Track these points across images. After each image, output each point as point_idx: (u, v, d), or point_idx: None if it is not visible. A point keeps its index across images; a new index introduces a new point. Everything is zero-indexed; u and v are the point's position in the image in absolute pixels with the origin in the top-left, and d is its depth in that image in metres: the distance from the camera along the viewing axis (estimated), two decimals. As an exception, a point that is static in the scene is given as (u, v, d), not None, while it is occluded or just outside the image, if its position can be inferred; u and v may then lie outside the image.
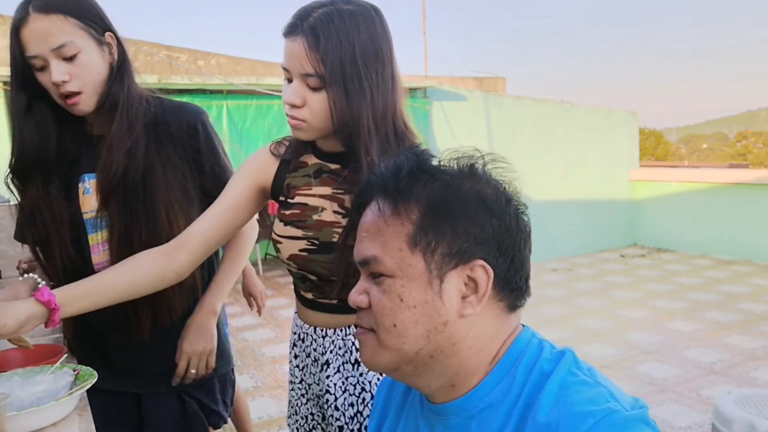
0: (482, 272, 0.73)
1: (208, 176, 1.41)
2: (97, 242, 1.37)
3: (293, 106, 1.09)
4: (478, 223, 0.73)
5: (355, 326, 0.81)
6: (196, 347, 1.41)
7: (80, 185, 1.36)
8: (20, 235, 1.43)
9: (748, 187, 7.36)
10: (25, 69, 1.25)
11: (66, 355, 1.30)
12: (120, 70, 1.32)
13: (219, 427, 1.53)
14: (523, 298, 0.79)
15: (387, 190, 0.76)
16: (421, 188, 0.74)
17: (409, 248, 0.73)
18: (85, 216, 1.36)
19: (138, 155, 1.32)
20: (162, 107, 1.38)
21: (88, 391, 1.16)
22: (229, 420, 1.57)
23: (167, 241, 1.33)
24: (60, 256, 1.35)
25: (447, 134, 7.13)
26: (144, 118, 1.34)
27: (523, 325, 0.81)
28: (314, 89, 1.07)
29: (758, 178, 7.39)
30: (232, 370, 1.59)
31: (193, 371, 1.41)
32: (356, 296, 0.78)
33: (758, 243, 7.10)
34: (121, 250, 1.33)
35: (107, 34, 1.30)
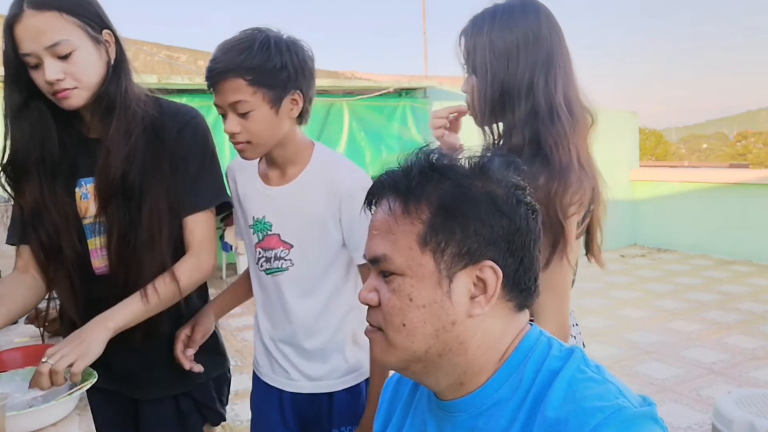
0: (491, 273, 0.73)
1: (190, 184, 1.34)
2: (96, 247, 1.35)
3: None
4: (488, 223, 0.73)
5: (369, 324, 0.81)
6: (63, 347, 1.15)
7: (77, 190, 1.34)
8: (16, 238, 1.37)
9: (748, 187, 7.36)
10: (18, 66, 1.21)
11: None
12: (117, 69, 1.29)
13: (218, 424, 1.54)
14: (532, 298, 0.79)
15: (398, 189, 0.76)
16: (432, 188, 0.74)
17: (420, 248, 0.74)
18: (84, 221, 1.34)
19: (137, 160, 1.29)
20: (160, 109, 1.35)
21: (88, 391, 1.16)
22: (227, 418, 1.57)
23: (167, 245, 1.32)
24: (70, 255, 1.33)
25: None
26: (142, 121, 1.30)
27: (531, 324, 0.81)
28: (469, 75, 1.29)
29: (758, 178, 7.39)
30: (229, 369, 1.60)
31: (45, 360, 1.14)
32: (366, 294, 0.78)
33: (758, 243, 7.09)
34: (120, 255, 1.31)
35: (105, 32, 1.26)
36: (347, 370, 1.45)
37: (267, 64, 1.25)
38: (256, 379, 1.55)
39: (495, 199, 0.74)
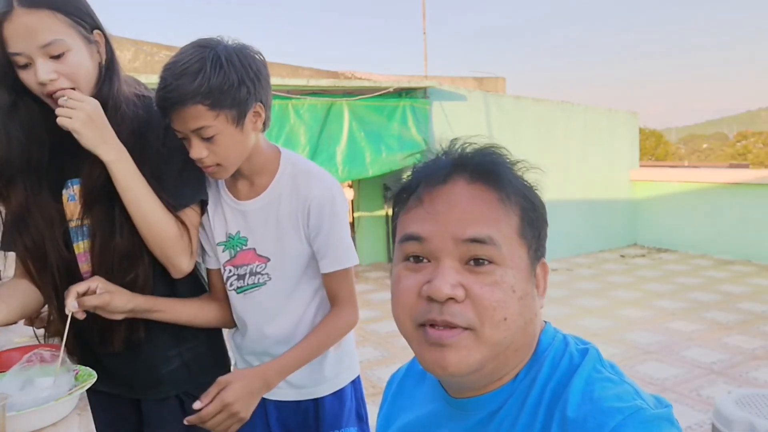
0: (544, 268, 0.77)
1: (173, 180, 1.31)
2: (81, 251, 1.33)
3: None
4: (546, 223, 0.77)
5: (447, 326, 0.70)
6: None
7: (64, 191, 1.31)
8: (6, 244, 1.35)
9: (748, 187, 7.36)
10: (6, 65, 1.17)
11: (66, 355, 1.29)
12: (109, 70, 1.26)
13: None
14: None
15: (486, 173, 0.73)
16: (514, 178, 0.75)
17: (519, 238, 0.73)
18: (70, 224, 1.32)
19: None
20: (149, 108, 1.31)
21: (88, 392, 1.16)
22: None
23: (147, 251, 1.29)
24: (55, 260, 1.31)
25: (447, 134, 7.08)
26: (131, 122, 1.27)
27: (545, 321, 0.81)
28: None
29: (758, 178, 7.40)
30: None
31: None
32: (452, 289, 0.68)
33: (758, 243, 7.10)
34: (101, 259, 1.29)
35: (95, 32, 1.23)
36: (331, 375, 1.43)
37: (224, 85, 1.18)
38: None
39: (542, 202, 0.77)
